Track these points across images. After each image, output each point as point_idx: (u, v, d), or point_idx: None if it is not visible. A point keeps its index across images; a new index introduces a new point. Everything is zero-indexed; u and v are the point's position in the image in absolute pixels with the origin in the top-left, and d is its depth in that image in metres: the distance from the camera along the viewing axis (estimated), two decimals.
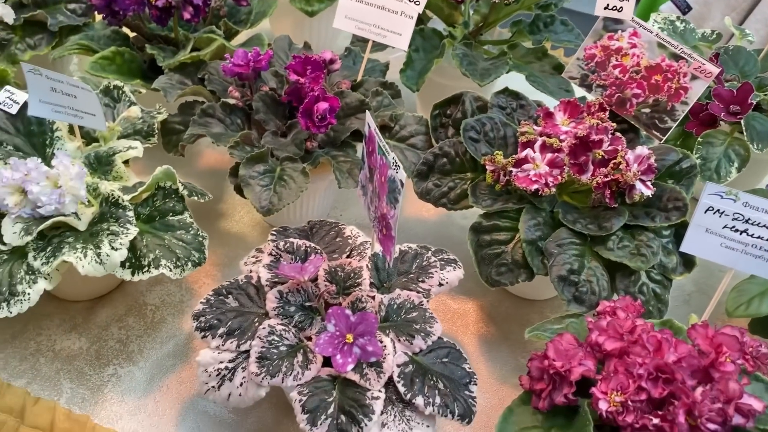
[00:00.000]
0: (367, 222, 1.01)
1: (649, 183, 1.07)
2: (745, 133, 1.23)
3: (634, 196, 1.05)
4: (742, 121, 1.22)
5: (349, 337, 0.89)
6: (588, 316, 0.94)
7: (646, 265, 1.00)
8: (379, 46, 1.35)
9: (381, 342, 0.91)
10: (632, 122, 1.18)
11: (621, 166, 1.04)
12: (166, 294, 1.21)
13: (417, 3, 1.22)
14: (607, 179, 1.04)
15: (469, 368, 0.94)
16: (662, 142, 1.16)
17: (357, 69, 1.30)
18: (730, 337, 0.83)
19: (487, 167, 1.10)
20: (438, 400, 0.88)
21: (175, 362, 1.11)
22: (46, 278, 0.95)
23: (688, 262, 1.06)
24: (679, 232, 1.08)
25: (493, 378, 1.13)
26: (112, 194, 1.01)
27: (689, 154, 1.13)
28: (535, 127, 1.16)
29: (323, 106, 1.12)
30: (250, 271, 1.03)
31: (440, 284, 1.02)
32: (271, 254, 1.02)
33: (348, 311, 0.90)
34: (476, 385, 0.93)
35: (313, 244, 1.04)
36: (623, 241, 1.03)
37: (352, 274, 1.00)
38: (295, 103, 1.18)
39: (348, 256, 1.06)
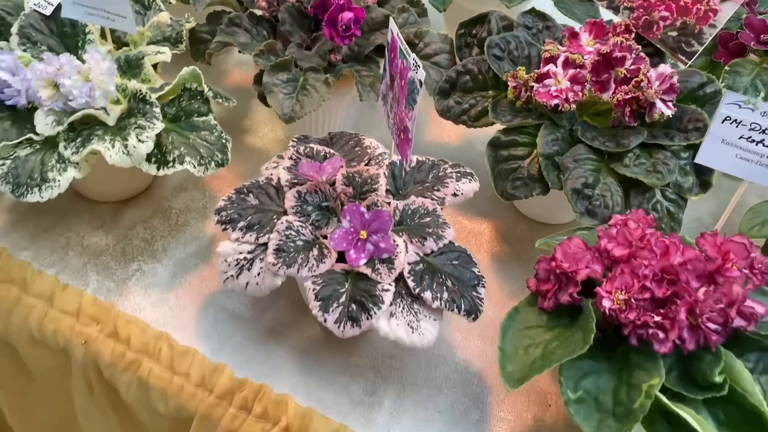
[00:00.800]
0: (388, 140, 1.03)
1: (670, 103, 1.06)
2: None
3: (654, 115, 1.05)
4: None
5: (363, 234, 0.92)
6: (600, 229, 0.96)
7: (661, 182, 1.00)
8: None
9: (394, 241, 0.94)
10: (658, 46, 1.17)
11: (642, 84, 1.03)
12: (191, 200, 1.25)
13: None
14: (628, 97, 1.04)
15: (478, 272, 0.96)
16: (687, 66, 1.15)
17: None
18: (739, 245, 0.84)
19: (509, 83, 1.11)
20: (446, 295, 0.91)
21: (197, 262, 1.15)
22: (75, 167, 0.99)
23: (704, 183, 1.06)
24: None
25: (503, 293, 1.16)
26: (140, 91, 1.04)
27: (714, 79, 1.12)
28: (559, 47, 1.15)
29: (348, 15, 1.13)
30: (271, 174, 1.06)
31: (455, 194, 1.04)
32: (291, 158, 1.05)
33: (363, 209, 0.92)
34: (484, 287, 0.96)
35: (332, 150, 1.06)
36: (640, 159, 1.04)
37: (369, 180, 1.02)
38: (320, 16, 1.19)
39: (366, 165, 1.08)
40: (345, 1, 1.13)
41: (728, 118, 0.85)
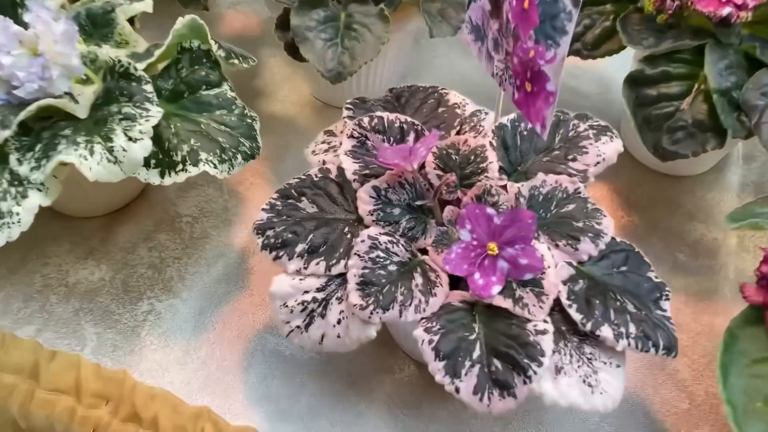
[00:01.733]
0: (467, 91, 0.70)
1: None
2: None
3: None
4: None
5: (493, 248, 0.61)
6: None
7: None
8: None
9: (536, 251, 0.63)
10: None
11: None
12: (204, 201, 0.92)
13: None
14: None
15: (656, 277, 0.66)
16: None
17: None
18: None
19: None
20: (632, 328, 0.60)
21: (229, 289, 0.83)
22: (40, 189, 0.65)
23: None
24: None
25: None
26: (119, 63, 0.69)
27: None
28: None
29: None
30: (323, 163, 0.74)
31: (597, 163, 0.72)
32: (352, 136, 0.72)
33: (490, 210, 0.60)
34: (669, 300, 0.65)
35: (410, 119, 0.73)
36: None
37: (472, 157, 0.70)
38: None
39: (458, 133, 0.75)
40: None
41: None
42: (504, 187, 0.70)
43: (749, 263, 0.87)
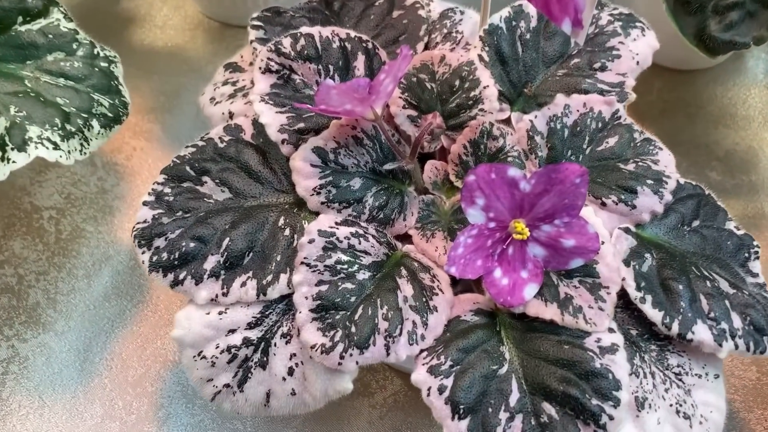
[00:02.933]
0: None
1: None
2: None
3: None
4: None
5: (521, 228, 0.38)
6: None
7: None
8: None
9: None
10: None
11: None
12: (71, 183, 0.65)
13: None
14: None
15: (737, 228, 0.46)
16: None
17: None
18: None
19: None
20: (737, 320, 0.40)
21: (123, 307, 0.59)
22: None
23: None
24: None
25: None
26: None
27: None
28: None
29: None
30: (230, 116, 0.48)
31: (636, 64, 0.49)
32: (269, 70, 0.46)
33: (513, 171, 0.37)
34: (759, 258, 0.45)
35: (356, 34, 0.47)
36: None
37: (456, 82, 0.46)
38: None
39: (426, 48, 0.50)
40: None
41: None
42: (508, 122, 0.47)
43: None
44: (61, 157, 0.43)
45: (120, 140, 0.68)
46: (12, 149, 0.42)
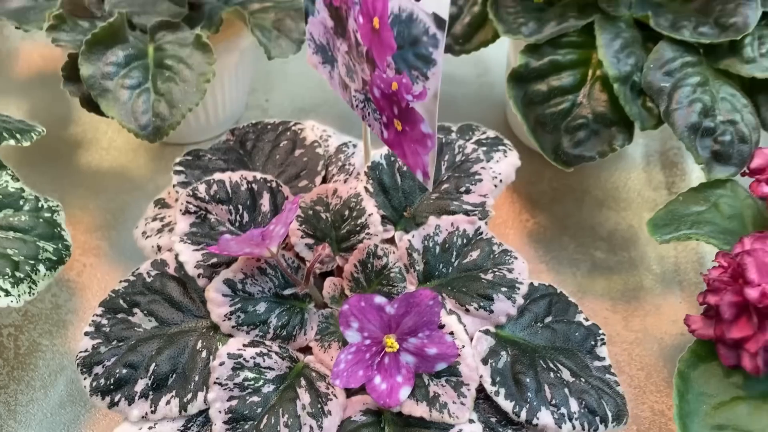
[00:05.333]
0: (325, 106, 0.55)
1: None
2: None
3: None
4: None
5: (391, 342, 0.47)
6: (758, 184, 0.55)
7: None
8: None
9: (443, 328, 0.50)
10: None
11: None
12: (27, 301, 0.72)
13: None
14: None
15: (586, 320, 0.55)
16: None
17: None
18: None
19: None
20: (574, 405, 0.49)
21: (77, 413, 0.66)
22: None
23: None
24: None
25: (568, 293, 0.75)
26: None
27: None
28: None
29: None
30: (158, 250, 0.57)
31: (495, 186, 0.59)
32: (188, 212, 0.55)
33: (379, 299, 0.46)
34: (605, 344, 0.54)
35: (261, 176, 0.57)
36: (765, 42, 0.62)
37: (346, 212, 0.55)
38: None
39: (324, 180, 0.60)
40: None
41: None
42: (392, 241, 0.56)
43: (670, 249, 0.79)
44: (12, 302, 0.51)
45: (71, 258, 0.76)
46: None
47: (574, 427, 0.48)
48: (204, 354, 0.50)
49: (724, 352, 0.50)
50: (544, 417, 0.48)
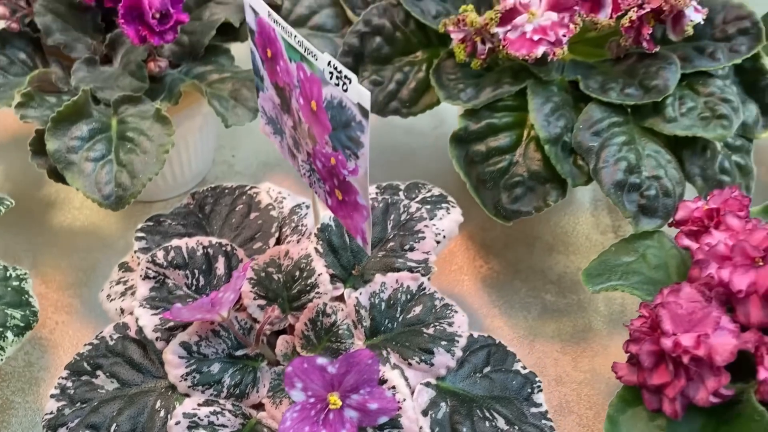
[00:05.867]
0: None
1: (694, 2, 0.69)
2: None
3: (686, 28, 0.68)
4: None
5: (334, 400, 0.50)
6: (681, 236, 0.60)
7: (729, 131, 0.65)
8: None
9: (386, 383, 0.53)
10: None
11: None
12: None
13: None
14: (644, 12, 0.66)
15: (524, 368, 0.59)
16: None
17: None
18: None
19: (452, 36, 0.69)
20: None
21: None
22: None
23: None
24: (743, 65, 0.73)
25: (520, 336, 0.79)
26: None
27: None
28: None
29: None
30: (121, 312, 0.60)
31: (438, 243, 0.63)
32: (147, 277, 0.59)
33: (321, 360, 0.50)
34: (541, 390, 0.58)
35: (216, 240, 0.61)
36: (685, 102, 0.67)
37: (297, 273, 0.59)
38: (109, 3, 0.69)
39: (278, 241, 0.64)
40: None
41: None
42: (341, 298, 0.60)
43: (617, 292, 0.83)
44: None
45: (44, 316, 0.79)
46: None
47: None
48: (162, 413, 0.53)
49: (648, 397, 0.54)
50: None
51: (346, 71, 0.44)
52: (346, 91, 0.45)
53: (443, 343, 0.56)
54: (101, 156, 0.63)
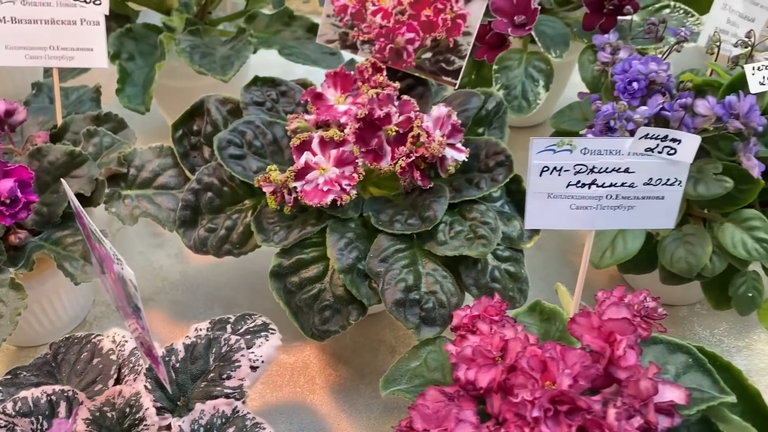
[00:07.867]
0: (162, 294, 0.72)
1: (459, 145, 0.86)
2: (539, 43, 1.06)
3: (449, 168, 0.84)
4: (532, 32, 1.04)
5: None
6: (450, 347, 0.73)
7: (489, 248, 0.80)
8: (77, 69, 1.01)
9: None
10: (416, 74, 0.96)
11: (422, 139, 0.81)
12: None
13: (98, 3, 0.89)
14: (411, 159, 0.82)
15: None
16: (457, 87, 0.95)
17: (54, 109, 0.95)
18: (620, 321, 0.65)
19: (264, 189, 0.83)
20: None
21: None
22: None
23: None
24: (510, 188, 0.89)
25: None
26: None
27: (491, 92, 0.93)
28: (307, 117, 0.90)
29: (7, 184, 0.77)
30: None
31: (253, 368, 0.75)
32: (0, 427, 0.69)
33: None
34: None
35: (59, 387, 0.72)
36: (454, 227, 0.82)
37: (127, 410, 0.70)
38: None
39: (117, 380, 0.75)
40: None
41: (546, 169, 0.65)
42: (169, 428, 0.71)
43: None
44: None
45: None
46: None
47: None
48: None
49: None
50: None
51: (118, 255, 0.57)
52: (122, 269, 0.58)
53: None
54: None
